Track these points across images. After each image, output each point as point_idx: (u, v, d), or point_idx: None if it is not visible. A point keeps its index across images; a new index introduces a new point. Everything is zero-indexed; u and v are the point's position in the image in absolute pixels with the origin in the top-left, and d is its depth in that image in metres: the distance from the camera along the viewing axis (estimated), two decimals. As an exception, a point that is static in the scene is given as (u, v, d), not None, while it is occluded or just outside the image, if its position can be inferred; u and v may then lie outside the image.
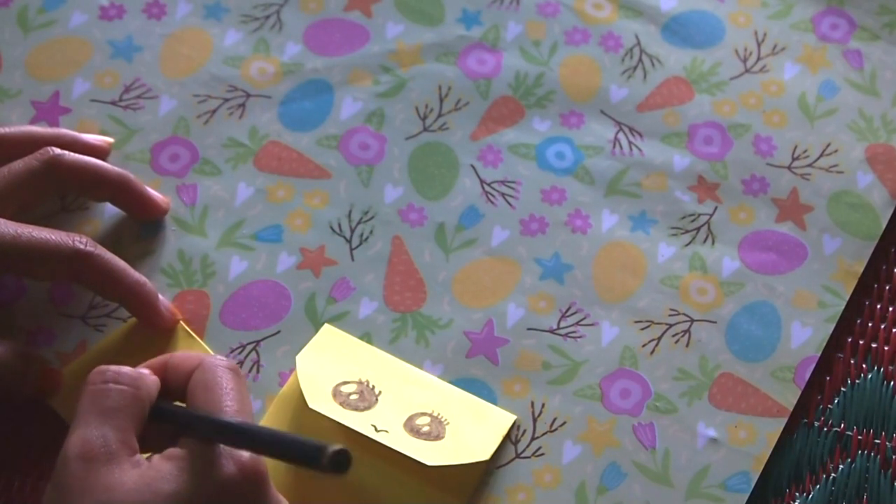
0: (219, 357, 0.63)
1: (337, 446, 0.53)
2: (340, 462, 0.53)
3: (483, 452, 0.66)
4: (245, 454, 0.58)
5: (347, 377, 0.67)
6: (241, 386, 0.62)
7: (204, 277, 0.71)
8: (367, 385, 0.67)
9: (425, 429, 0.66)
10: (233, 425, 0.58)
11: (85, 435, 0.58)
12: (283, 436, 0.57)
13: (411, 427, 0.66)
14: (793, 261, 0.73)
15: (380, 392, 0.67)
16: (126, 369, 0.61)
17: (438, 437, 0.66)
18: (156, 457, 0.59)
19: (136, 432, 0.59)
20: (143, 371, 0.62)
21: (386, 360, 0.69)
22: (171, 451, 0.59)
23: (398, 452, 0.65)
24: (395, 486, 0.65)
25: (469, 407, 0.68)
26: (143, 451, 0.59)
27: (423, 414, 0.67)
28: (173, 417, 0.61)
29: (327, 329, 0.70)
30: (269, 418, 0.67)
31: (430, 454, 0.65)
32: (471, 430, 0.67)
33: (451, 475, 0.66)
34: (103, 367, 0.61)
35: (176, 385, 0.62)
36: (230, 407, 0.60)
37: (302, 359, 0.68)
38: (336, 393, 0.66)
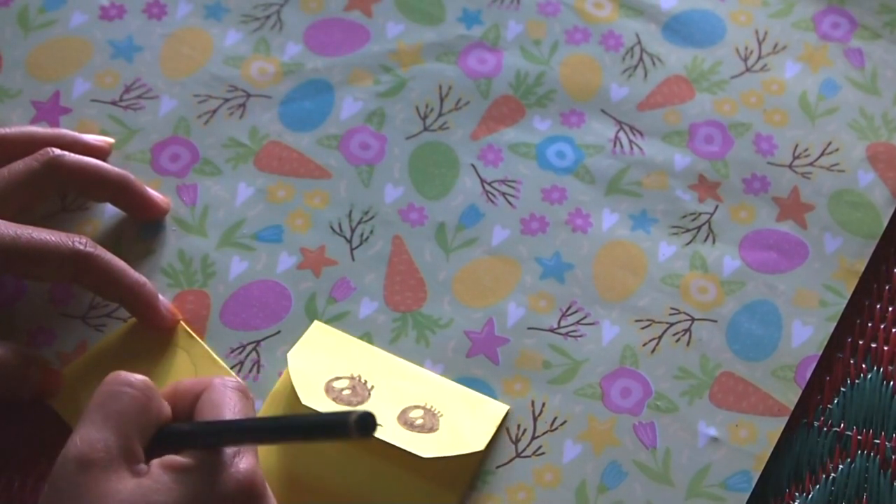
0: (228, 378, 0.63)
1: (359, 411, 0.53)
2: (366, 426, 0.53)
3: (477, 443, 0.66)
4: (242, 467, 0.58)
5: (339, 372, 0.68)
6: (248, 408, 0.62)
7: (204, 277, 0.71)
8: (360, 380, 0.68)
9: (419, 421, 0.66)
10: (252, 423, 0.58)
11: (87, 436, 0.58)
12: (304, 417, 0.57)
13: (405, 420, 0.66)
14: (794, 259, 0.73)
15: (372, 386, 0.67)
16: (142, 377, 0.60)
17: (432, 430, 0.66)
18: (155, 465, 0.58)
19: (141, 441, 0.59)
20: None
21: (377, 354, 0.69)
22: (171, 459, 0.58)
23: (393, 446, 0.65)
24: (390, 480, 0.65)
25: (462, 398, 0.68)
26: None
27: (417, 407, 0.67)
28: (181, 433, 0.60)
29: (317, 326, 0.70)
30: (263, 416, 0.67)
31: (424, 446, 0.65)
32: (464, 422, 0.67)
33: (446, 467, 0.66)
34: (120, 371, 0.60)
35: (184, 411, 0.62)
36: None
37: (293, 356, 0.68)
38: (328, 388, 0.67)
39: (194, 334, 0.69)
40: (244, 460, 0.58)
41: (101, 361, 0.68)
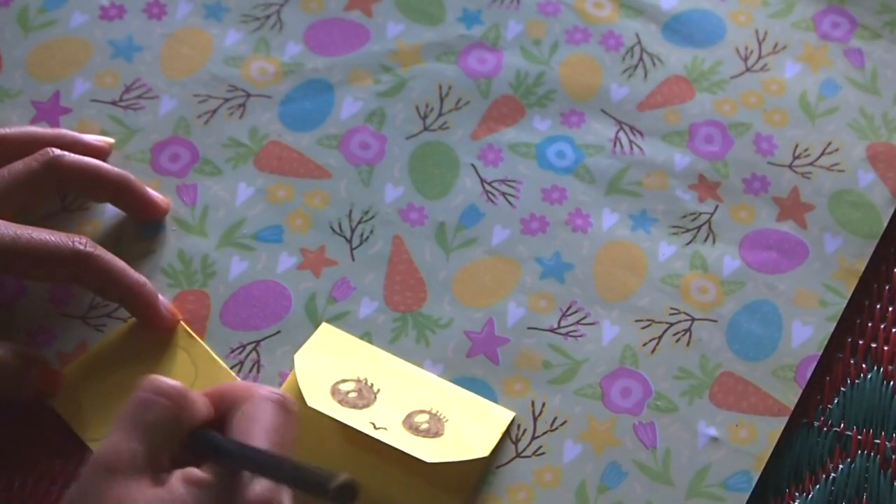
0: (272, 390, 0.61)
1: (343, 477, 0.53)
2: (346, 492, 0.53)
3: (482, 449, 0.66)
4: (257, 489, 0.57)
5: (346, 375, 0.68)
6: (284, 423, 0.60)
7: (204, 277, 0.71)
8: (366, 383, 0.67)
9: (424, 426, 0.66)
10: (249, 453, 0.57)
11: (117, 445, 0.58)
12: (295, 465, 0.56)
13: (410, 424, 0.66)
14: (794, 259, 0.73)
15: (378, 390, 0.67)
16: (177, 385, 0.60)
17: (437, 435, 0.66)
18: (175, 476, 0.58)
19: (170, 449, 0.59)
20: (199, 396, 0.61)
21: (384, 358, 0.69)
22: (191, 472, 0.58)
23: (397, 450, 0.65)
24: (394, 484, 0.65)
25: (468, 404, 0.68)
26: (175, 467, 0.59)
27: (422, 411, 0.67)
28: (204, 443, 0.60)
29: (325, 328, 0.70)
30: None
31: (429, 451, 0.65)
32: (470, 427, 0.67)
33: (450, 473, 0.66)
34: (157, 378, 0.60)
35: (227, 414, 0.61)
36: (261, 446, 0.58)
37: (300, 357, 0.68)
38: (335, 391, 0.67)
39: (194, 334, 0.69)
40: (261, 482, 0.57)
41: (101, 361, 0.68)
